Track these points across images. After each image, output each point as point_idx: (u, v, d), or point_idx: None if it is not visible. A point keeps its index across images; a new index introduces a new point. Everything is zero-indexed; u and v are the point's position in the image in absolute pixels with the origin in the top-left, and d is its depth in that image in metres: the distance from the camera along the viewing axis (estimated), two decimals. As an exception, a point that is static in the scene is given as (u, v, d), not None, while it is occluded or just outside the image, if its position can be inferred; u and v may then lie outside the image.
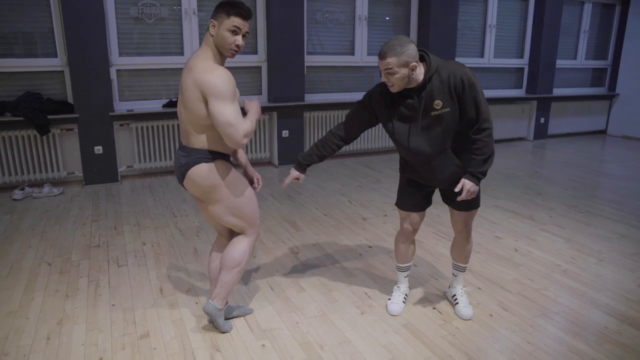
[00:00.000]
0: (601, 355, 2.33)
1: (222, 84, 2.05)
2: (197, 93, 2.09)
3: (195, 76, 2.09)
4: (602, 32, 8.58)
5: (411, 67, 2.15)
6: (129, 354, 2.31)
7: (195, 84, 2.09)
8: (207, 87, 2.06)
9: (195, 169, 2.21)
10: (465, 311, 2.65)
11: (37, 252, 3.44)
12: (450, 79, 2.19)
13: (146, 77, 5.39)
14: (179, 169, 2.27)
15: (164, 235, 3.76)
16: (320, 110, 6.19)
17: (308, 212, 4.33)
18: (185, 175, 2.25)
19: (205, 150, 2.21)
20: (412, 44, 2.17)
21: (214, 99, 2.06)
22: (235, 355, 2.31)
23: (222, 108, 2.05)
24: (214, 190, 2.26)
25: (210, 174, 2.22)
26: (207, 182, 2.23)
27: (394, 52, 2.13)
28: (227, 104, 2.06)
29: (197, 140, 2.20)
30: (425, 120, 2.27)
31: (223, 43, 2.14)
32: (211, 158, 2.22)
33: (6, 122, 4.72)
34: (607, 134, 8.80)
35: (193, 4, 5.35)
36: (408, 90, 2.26)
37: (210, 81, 2.06)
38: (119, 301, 2.79)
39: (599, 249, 3.57)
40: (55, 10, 4.83)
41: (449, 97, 2.21)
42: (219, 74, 2.07)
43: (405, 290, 2.78)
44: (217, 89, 2.05)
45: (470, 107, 2.21)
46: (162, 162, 5.48)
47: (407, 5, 6.60)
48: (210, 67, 2.10)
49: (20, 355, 2.29)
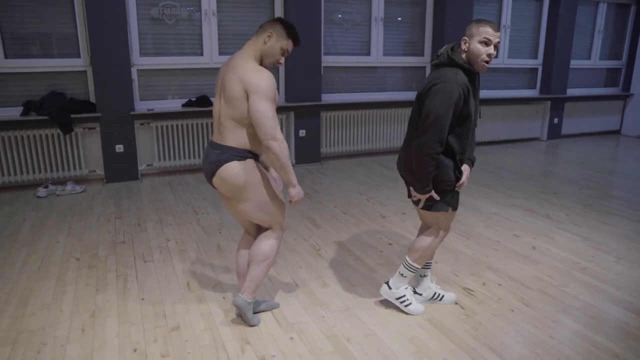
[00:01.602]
0: (624, 351, 2.37)
1: (266, 83, 2.17)
2: (241, 90, 2.18)
3: (240, 74, 2.18)
4: (617, 32, 8.57)
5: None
6: (161, 346, 2.39)
7: (240, 81, 2.18)
8: (251, 84, 2.17)
9: (227, 166, 2.28)
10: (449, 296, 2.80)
11: (65, 247, 3.54)
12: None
13: (166, 77, 5.48)
14: (210, 165, 2.34)
15: (187, 232, 3.84)
16: (336, 110, 6.25)
17: (327, 210, 4.40)
18: (215, 172, 2.32)
19: (239, 148, 2.29)
20: None
21: (256, 95, 2.17)
22: (264, 348, 2.37)
23: (261, 103, 2.17)
24: (244, 188, 2.32)
25: (241, 172, 2.29)
26: (238, 180, 2.30)
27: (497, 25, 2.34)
28: (267, 102, 2.18)
29: (232, 138, 2.28)
30: (478, 107, 2.45)
31: (270, 55, 2.29)
32: (243, 157, 2.30)
33: (31, 121, 4.83)
34: (621, 134, 8.77)
35: (213, 5, 5.43)
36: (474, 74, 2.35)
37: (255, 79, 2.17)
38: (148, 295, 2.87)
39: (617, 247, 3.60)
40: (79, 12, 4.94)
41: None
42: (264, 75, 2.19)
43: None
44: (260, 87, 2.17)
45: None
46: (182, 160, 5.57)
47: (423, 6, 6.64)
48: (257, 68, 2.21)
49: (58, 345, 2.38)
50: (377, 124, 6.58)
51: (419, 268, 2.62)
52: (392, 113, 6.64)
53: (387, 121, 6.64)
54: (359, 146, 6.55)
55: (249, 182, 2.32)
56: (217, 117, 2.34)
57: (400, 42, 6.64)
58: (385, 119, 6.62)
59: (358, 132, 6.49)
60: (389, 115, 6.62)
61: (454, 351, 2.35)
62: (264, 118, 2.17)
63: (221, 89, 2.30)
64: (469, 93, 2.29)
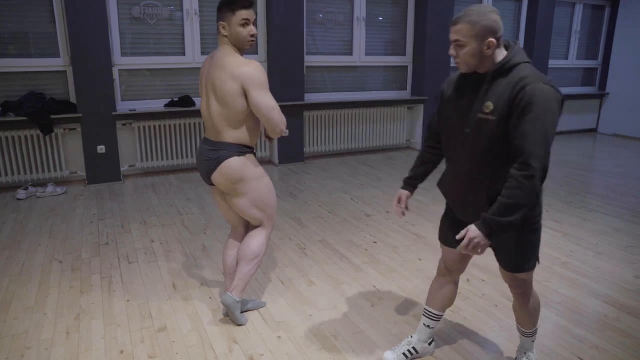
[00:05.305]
0: (602, 342, 2.43)
1: (260, 74, 2.20)
2: (237, 87, 2.19)
3: (232, 71, 2.18)
4: (593, 32, 8.76)
5: (487, 44, 1.70)
6: (149, 347, 2.37)
7: (234, 77, 2.18)
8: (247, 79, 2.18)
9: (228, 162, 2.29)
10: None
11: (47, 250, 3.49)
12: (517, 84, 1.69)
13: (148, 77, 5.43)
14: (207, 162, 2.34)
15: (172, 233, 3.82)
16: (319, 110, 6.27)
17: (312, 209, 4.41)
18: (215, 169, 2.32)
19: (237, 144, 2.31)
20: (496, 15, 1.71)
21: (256, 89, 2.19)
22: (253, 347, 2.38)
23: (263, 96, 2.21)
24: (243, 183, 2.34)
25: (241, 167, 2.31)
26: (238, 175, 2.32)
27: (468, 19, 1.69)
28: (267, 92, 2.22)
29: (229, 135, 2.29)
30: (471, 116, 1.80)
31: (239, 38, 2.25)
32: (242, 152, 2.31)
33: (10, 122, 4.74)
34: (598, 133, 8.97)
35: (195, 4, 5.40)
36: (478, 75, 1.82)
37: (249, 73, 2.18)
38: (134, 297, 2.85)
39: (596, 242, 3.69)
40: (58, 11, 4.86)
41: (504, 105, 1.70)
42: (255, 66, 2.21)
43: (416, 342, 2.26)
44: (257, 80, 2.19)
45: (518, 130, 1.67)
46: (165, 161, 5.52)
47: (404, 5, 6.70)
48: (245, 61, 2.22)
49: (42, 349, 2.35)
50: (360, 123, 6.62)
51: (537, 329, 2.17)
52: (375, 112, 6.68)
53: (370, 120, 6.69)
54: (343, 145, 6.58)
55: (248, 177, 2.34)
56: (209, 117, 2.33)
57: (382, 41, 6.69)
58: (368, 118, 6.66)
59: (341, 132, 6.52)
60: (371, 114, 6.67)
61: (440, 347, 2.39)
62: (271, 110, 2.22)
63: (210, 89, 2.29)
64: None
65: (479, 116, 1.77)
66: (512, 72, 1.73)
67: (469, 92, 1.83)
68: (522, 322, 2.11)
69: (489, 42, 1.69)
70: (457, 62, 1.78)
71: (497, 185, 1.78)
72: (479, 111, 1.77)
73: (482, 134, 1.76)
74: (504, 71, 1.74)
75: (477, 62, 1.74)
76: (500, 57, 1.76)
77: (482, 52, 1.71)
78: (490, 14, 1.69)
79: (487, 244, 1.72)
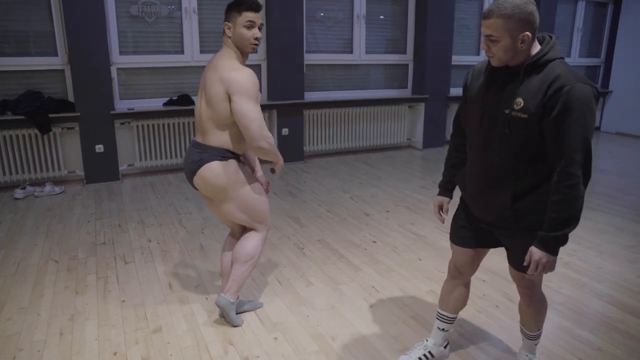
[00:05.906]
0: (605, 343, 2.39)
1: (247, 82, 2.13)
2: (222, 91, 2.14)
3: (221, 74, 2.14)
4: (595, 30, 8.69)
5: (522, 38, 1.62)
6: (143, 348, 2.34)
7: (221, 81, 2.13)
8: (233, 85, 2.12)
9: (208, 166, 2.24)
10: None
11: (43, 250, 3.45)
12: (552, 83, 1.61)
13: (146, 76, 5.40)
14: (191, 164, 2.30)
15: (169, 233, 3.78)
16: (319, 108, 6.23)
17: (311, 208, 4.37)
18: (196, 172, 2.28)
19: (220, 148, 2.25)
20: (532, 5, 1.62)
21: (238, 96, 2.12)
22: (248, 348, 2.34)
23: (245, 104, 2.12)
24: (225, 188, 2.29)
25: (221, 172, 2.25)
26: (219, 180, 2.26)
27: (502, 12, 1.60)
28: (251, 102, 2.13)
29: (214, 138, 2.24)
30: (499, 112, 1.73)
31: (242, 39, 2.20)
32: (225, 157, 2.26)
33: (7, 121, 4.71)
34: (601, 131, 8.91)
35: (193, 2, 5.36)
36: (507, 69, 1.73)
37: (236, 79, 2.12)
38: (129, 297, 2.81)
39: (598, 242, 3.64)
40: (56, 9, 4.83)
41: (537, 105, 1.63)
42: (245, 74, 2.14)
43: (432, 346, 2.22)
44: (242, 87, 2.12)
45: (556, 135, 1.61)
46: (163, 160, 5.49)
47: (405, 3, 6.65)
48: (236, 66, 2.17)
49: (35, 350, 2.31)
50: (360, 121, 6.57)
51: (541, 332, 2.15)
52: (375, 111, 6.63)
53: (370, 119, 6.64)
54: (342, 144, 6.53)
55: (230, 183, 2.28)
56: (199, 117, 2.30)
57: (382, 39, 6.64)
58: (368, 117, 6.61)
59: (341, 130, 6.47)
60: (372, 113, 6.62)
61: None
62: (250, 121, 2.13)
63: (203, 89, 2.26)
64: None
65: (507, 112, 1.70)
66: (546, 68, 1.66)
67: (497, 85, 1.76)
68: (527, 323, 2.08)
69: (524, 35, 1.61)
70: (490, 57, 1.71)
71: (521, 183, 1.74)
72: (508, 107, 1.70)
73: (510, 131, 1.70)
74: (537, 67, 1.67)
75: (510, 56, 1.66)
76: (534, 51, 1.68)
77: (516, 47, 1.64)
78: (526, 5, 1.60)
79: (554, 260, 1.69)
